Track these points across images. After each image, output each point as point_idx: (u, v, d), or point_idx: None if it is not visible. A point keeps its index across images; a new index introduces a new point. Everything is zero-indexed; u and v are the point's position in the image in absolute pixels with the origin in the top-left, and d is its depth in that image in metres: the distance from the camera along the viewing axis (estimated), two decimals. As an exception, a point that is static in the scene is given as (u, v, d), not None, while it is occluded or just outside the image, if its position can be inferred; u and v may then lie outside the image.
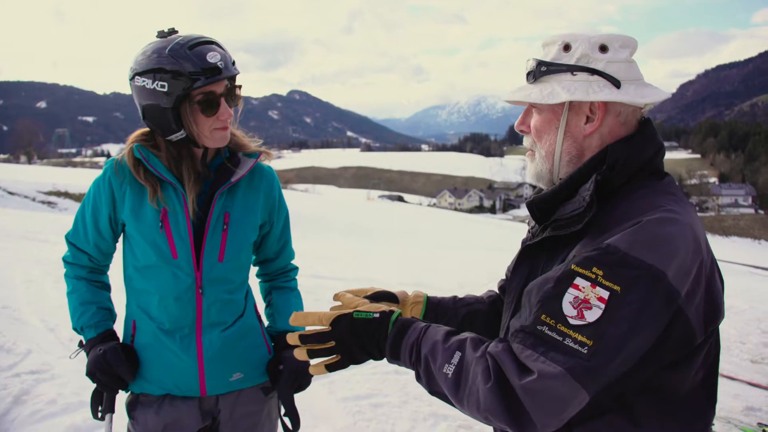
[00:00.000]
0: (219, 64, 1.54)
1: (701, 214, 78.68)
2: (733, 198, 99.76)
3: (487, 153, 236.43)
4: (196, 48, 1.53)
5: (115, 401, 1.73)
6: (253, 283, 1.88)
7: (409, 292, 1.51)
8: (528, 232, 1.33)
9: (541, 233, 1.23)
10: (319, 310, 1.24)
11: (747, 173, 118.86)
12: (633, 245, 1.01)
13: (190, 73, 1.51)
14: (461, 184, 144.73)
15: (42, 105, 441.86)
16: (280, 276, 1.94)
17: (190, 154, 1.66)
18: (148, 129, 1.69)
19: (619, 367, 1.00)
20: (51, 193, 23.44)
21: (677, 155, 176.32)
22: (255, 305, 1.85)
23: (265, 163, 1.82)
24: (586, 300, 1.00)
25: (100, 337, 1.70)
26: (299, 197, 42.60)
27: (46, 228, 11.76)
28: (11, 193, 22.17)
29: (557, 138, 1.21)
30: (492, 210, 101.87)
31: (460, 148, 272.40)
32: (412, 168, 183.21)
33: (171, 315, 1.66)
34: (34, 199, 22.25)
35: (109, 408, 1.71)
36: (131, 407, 1.73)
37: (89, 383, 1.71)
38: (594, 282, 1.01)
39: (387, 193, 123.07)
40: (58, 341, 4.48)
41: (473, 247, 19.19)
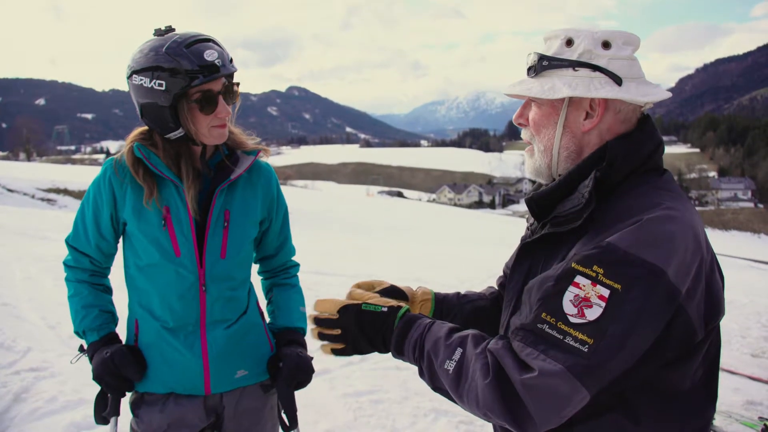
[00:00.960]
0: (216, 61, 1.53)
1: (700, 208, 78.80)
2: (733, 192, 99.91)
3: (486, 148, 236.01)
4: (193, 46, 1.53)
5: (121, 404, 1.71)
6: (256, 281, 1.88)
7: (413, 287, 1.51)
8: (527, 229, 1.33)
9: (540, 230, 1.22)
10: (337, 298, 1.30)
11: (746, 167, 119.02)
12: (633, 243, 1.01)
13: (187, 71, 1.50)
14: (460, 179, 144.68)
15: (41, 102, 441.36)
16: (281, 273, 1.94)
17: (188, 152, 1.66)
18: (146, 127, 1.68)
19: (620, 366, 1.00)
20: (50, 191, 23.43)
21: (676, 149, 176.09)
22: (257, 302, 1.85)
23: (263, 160, 1.82)
24: (586, 298, 1.00)
25: (103, 341, 1.69)
26: (299, 193, 42.62)
27: (45, 225, 11.77)
28: (10, 191, 22.17)
29: (556, 133, 1.21)
30: (491, 205, 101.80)
31: (459, 143, 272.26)
32: (411, 164, 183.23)
33: (175, 313, 1.66)
34: (33, 197, 22.25)
35: (115, 411, 1.70)
36: (135, 406, 1.73)
37: (89, 381, 1.70)
38: (594, 280, 1.00)
39: (386, 189, 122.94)
40: (58, 339, 4.47)
41: (473, 242, 19.21)
